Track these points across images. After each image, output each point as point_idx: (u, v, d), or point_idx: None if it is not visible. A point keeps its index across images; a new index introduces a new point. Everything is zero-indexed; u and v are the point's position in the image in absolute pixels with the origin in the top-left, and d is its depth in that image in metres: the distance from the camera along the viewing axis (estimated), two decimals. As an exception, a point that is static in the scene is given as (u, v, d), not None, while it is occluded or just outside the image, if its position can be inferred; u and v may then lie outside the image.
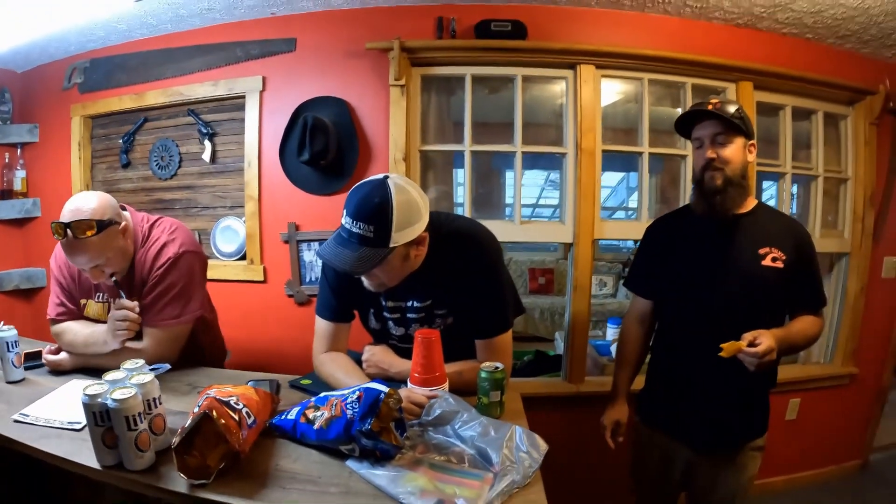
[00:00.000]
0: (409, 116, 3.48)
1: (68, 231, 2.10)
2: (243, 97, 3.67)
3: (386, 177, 1.85)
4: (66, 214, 2.15)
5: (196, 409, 1.52)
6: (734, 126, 2.18)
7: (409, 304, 2.14)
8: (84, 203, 2.20)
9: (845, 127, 3.94)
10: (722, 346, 2.01)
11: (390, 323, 2.22)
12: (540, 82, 3.75)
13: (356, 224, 1.78)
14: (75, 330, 2.38)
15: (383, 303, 2.17)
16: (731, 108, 2.20)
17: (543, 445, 1.63)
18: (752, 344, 1.98)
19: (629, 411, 2.68)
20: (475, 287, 2.07)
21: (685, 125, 2.34)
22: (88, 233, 2.12)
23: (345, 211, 1.82)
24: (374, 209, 1.77)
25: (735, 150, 2.21)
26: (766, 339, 1.97)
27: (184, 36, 3.74)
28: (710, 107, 2.20)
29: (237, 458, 1.50)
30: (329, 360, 2.18)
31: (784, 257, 2.22)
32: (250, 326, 3.74)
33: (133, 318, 2.21)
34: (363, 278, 1.94)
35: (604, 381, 3.57)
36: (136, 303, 2.26)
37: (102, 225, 2.17)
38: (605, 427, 2.63)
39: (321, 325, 2.23)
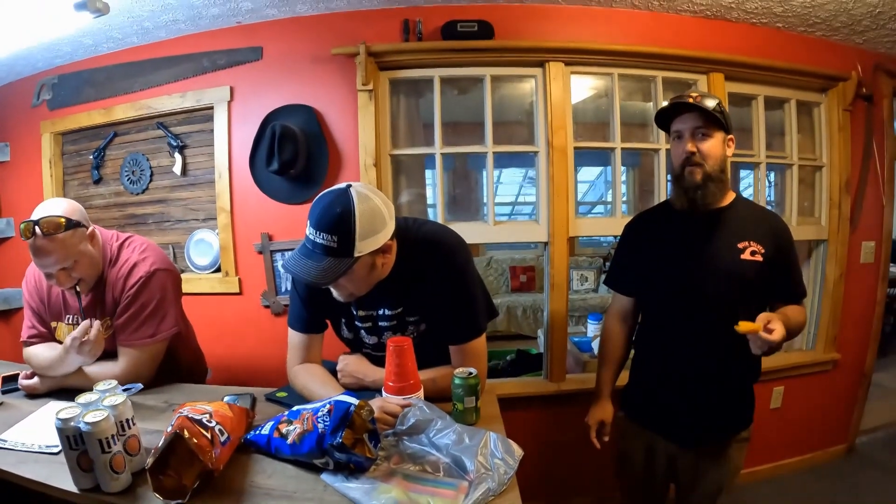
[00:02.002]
0: (379, 121, 3.46)
1: (37, 229, 2.08)
2: (212, 108, 3.65)
3: (349, 185, 1.82)
4: (35, 214, 2.14)
5: (169, 429, 1.50)
6: (714, 120, 2.18)
7: (381, 312, 2.12)
8: (53, 204, 2.22)
9: (819, 114, 3.95)
10: (740, 322, 1.95)
11: (363, 332, 2.20)
12: (509, 81, 3.75)
13: (319, 235, 1.76)
14: (41, 353, 2.35)
15: (354, 312, 2.15)
16: (712, 102, 2.19)
17: (519, 451, 1.62)
18: (766, 329, 1.95)
19: (613, 408, 2.67)
20: (446, 293, 2.05)
21: (665, 118, 2.33)
22: (57, 231, 2.11)
23: (308, 222, 1.79)
24: (337, 219, 1.75)
25: (715, 145, 2.21)
26: (779, 326, 1.95)
27: (150, 48, 3.71)
28: (690, 100, 2.19)
29: (211, 476, 1.49)
30: (303, 371, 2.16)
31: (763, 251, 2.23)
32: (228, 339, 3.71)
33: (93, 339, 2.15)
34: (331, 289, 1.92)
35: (585, 379, 3.58)
36: (96, 322, 2.20)
37: (71, 223, 2.17)
38: (589, 427, 2.63)
39: (293, 337, 2.22)
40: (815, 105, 3.95)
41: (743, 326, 1.95)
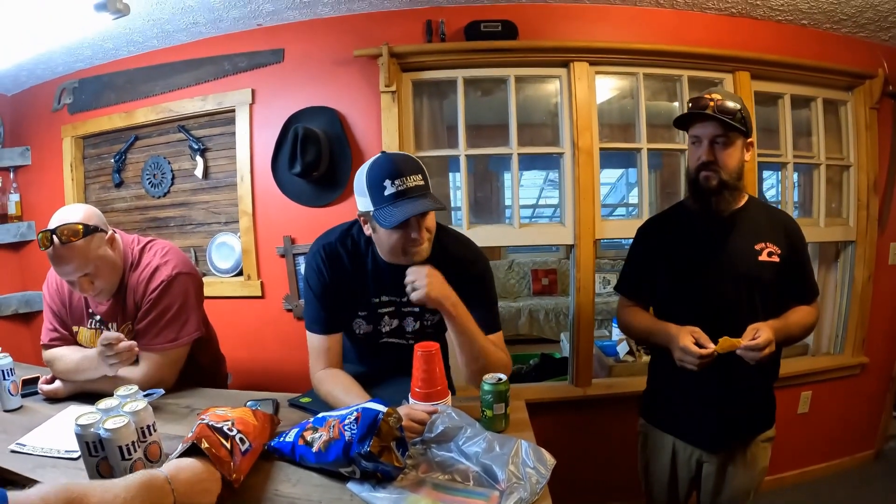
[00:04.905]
0: (402, 123, 3.44)
1: (54, 237, 2.07)
2: (233, 111, 3.64)
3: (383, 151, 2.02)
4: (52, 222, 2.13)
5: (189, 435, 1.47)
6: (733, 128, 2.14)
7: (405, 298, 2.09)
8: (70, 211, 2.20)
9: (845, 113, 3.89)
10: (720, 341, 2.02)
11: (385, 318, 2.23)
12: (533, 82, 3.72)
13: (411, 178, 1.88)
14: (66, 356, 2.33)
15: (377, 299, 2.19)
16: (733, 105, 2.14)
17: (551, 460, 1.58)
18: (752, 339, 1.99)
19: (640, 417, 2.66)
20: (470, 288, 2.08)
21: (684, 119, 2.28)
22: (74, 238, 2.10)
23: (389, 179, 1.88)
24: (414, 161, 1.94)
25: (733, 153, 2.18)
26: (764, 332, 1.99)
27: (170, 52, 3.71)
28: (711, 104, 2.14)
29: (231, 486, 1.45)
30: (327, 377, 2.13)
31: (779, 251, 2.23)
32: (250, 343, 3.71)
33: (121, 349, 2.12)
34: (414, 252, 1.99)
35: (612, 384, 3.55)
36: (121, 335, 2.16)
37: (88, 229, 2.15)
38: (689, 349, 2.12)
39: (314, 341, 2.20)
40: (841, 103, 3.89)
41: (722, 343, 2.02)
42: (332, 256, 2.14)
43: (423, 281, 1.93)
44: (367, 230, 2.03)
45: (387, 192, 1.86)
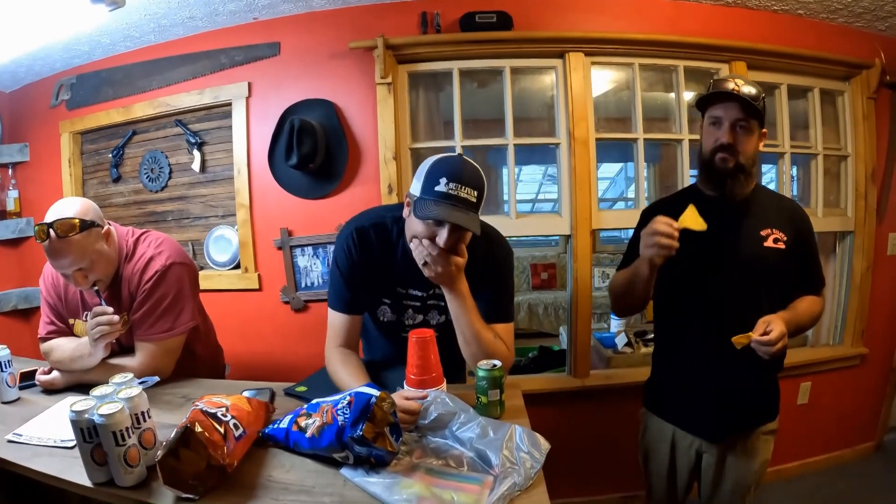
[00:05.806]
0: (398, 114, 3.45)
1: (51, 231, 2.07)
2: (230, 104, 3.64)
3: (461, 154, 2.02)
4: (49, 216, 2.14)
5: (184, 420, 1.48)
6: (756, 113, 2.13)
7: (431, 292, 2.20)
8: (66, 205, 2.22)
9: (842, 103, 3.89)
10: (732, 339, 2.01)
11: (410, 311, 2.25)
12: (529, 73, 3.73)
13: (465, 189, 1.88)
14: (62, 346, 2.35)
15: (403, 291, 2.22)
16: (755, 91, 2.13)
17: (545, 445, 1.58)
18: (764, 333, 1.96)
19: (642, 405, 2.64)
20: (491, 279, 2.17)
21: (702, 100, 2.27)
22: (71, 232, 2.10)
23: (446, 178, 1.88)
24: (480, 177, 1.95)
25: (751, 140, 2.17)
26: (777, 325, 1.96)
27: (167, 46, 3.71)
28: (735, 88, 2.12)
29: (224, 471, 1.46)
30: (338, 357, 2.15)
31: (785, 238, 2.21)
32: (247, 335, 3.71)
33: (106, 321, 2.15)
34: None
35: (609, 375, 3.55)
36: (110, 308, 2.20)
37: (85, 224, 2.16)
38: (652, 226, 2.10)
39: (334, 318, 2.21)
40: (838, 94, 3.89)
41: (737, 340, 2.02)
42: (362, 239, 2.15)
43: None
44: (406, 212, 2.03)
45: (437, 188, 1.86)
